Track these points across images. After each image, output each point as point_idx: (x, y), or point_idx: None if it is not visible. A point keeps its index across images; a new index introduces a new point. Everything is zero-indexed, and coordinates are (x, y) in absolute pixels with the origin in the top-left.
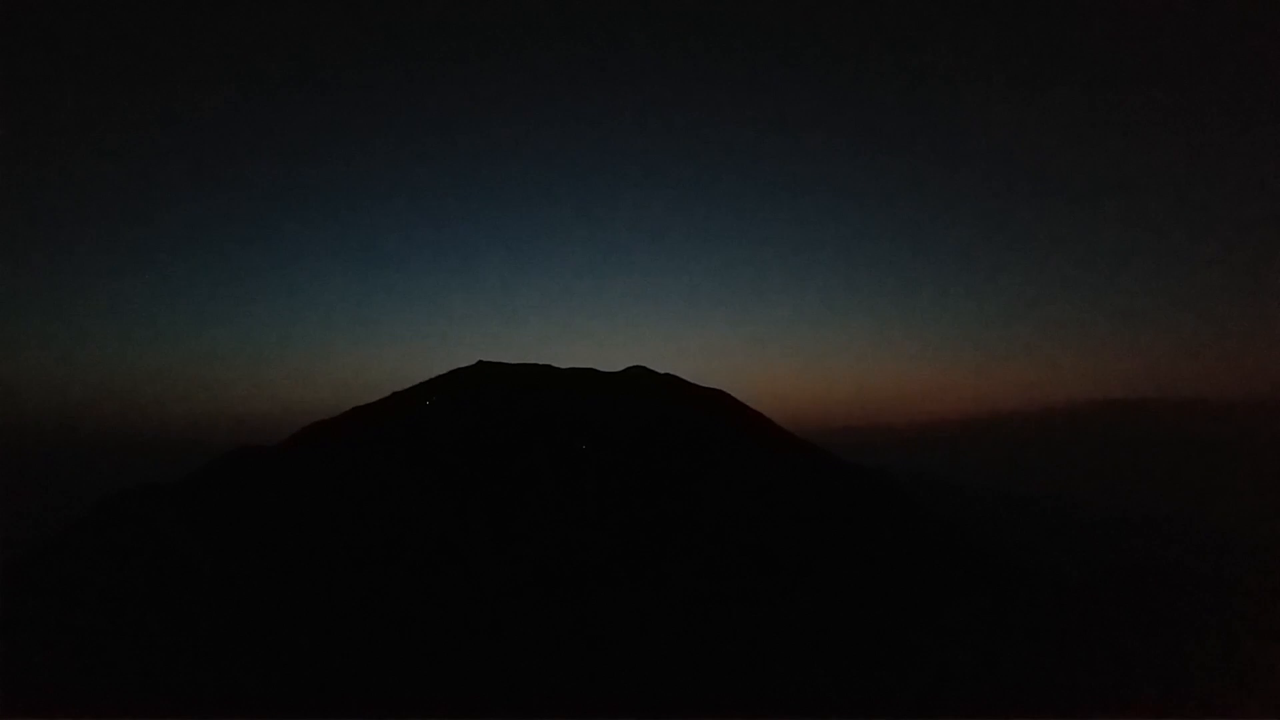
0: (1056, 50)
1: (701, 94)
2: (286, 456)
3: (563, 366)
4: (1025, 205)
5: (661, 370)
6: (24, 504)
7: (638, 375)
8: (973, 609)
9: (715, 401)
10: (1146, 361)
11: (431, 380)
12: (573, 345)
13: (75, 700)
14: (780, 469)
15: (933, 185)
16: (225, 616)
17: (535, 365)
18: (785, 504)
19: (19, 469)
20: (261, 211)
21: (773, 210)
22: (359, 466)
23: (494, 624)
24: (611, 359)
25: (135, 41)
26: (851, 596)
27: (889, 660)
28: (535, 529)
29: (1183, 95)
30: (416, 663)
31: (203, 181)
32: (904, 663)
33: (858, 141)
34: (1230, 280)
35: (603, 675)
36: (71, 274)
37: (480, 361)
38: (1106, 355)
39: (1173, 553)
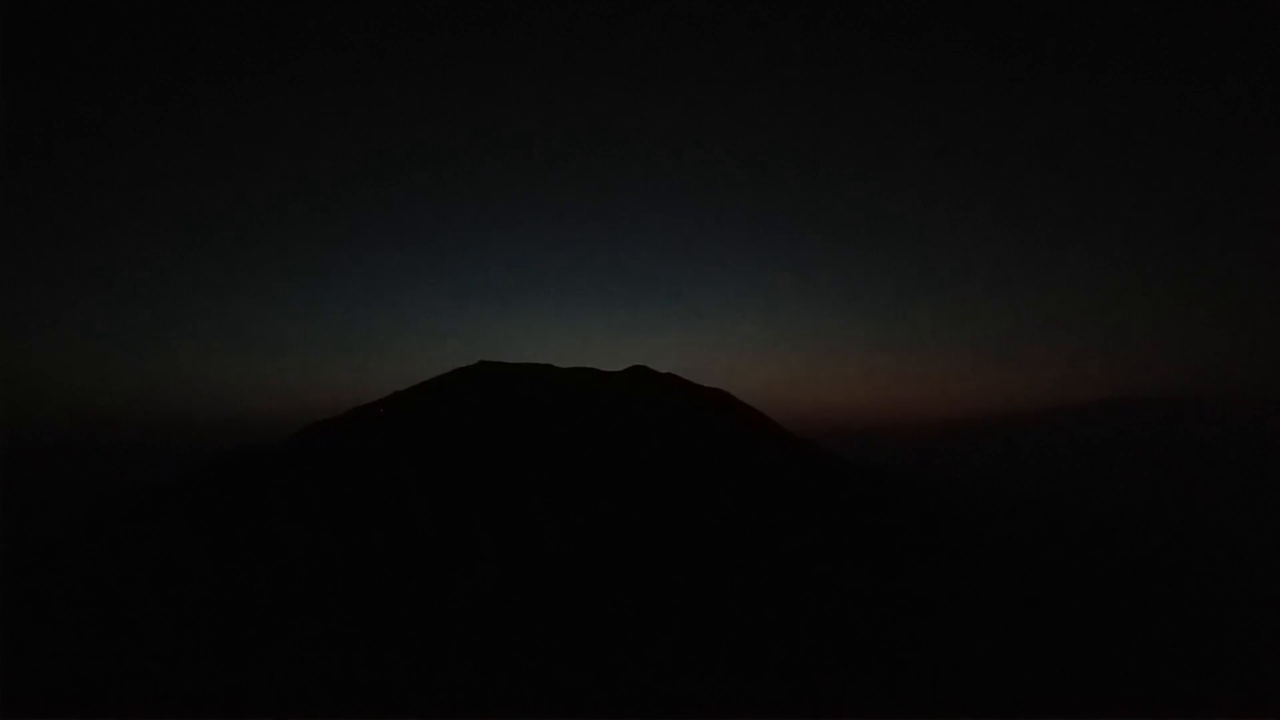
0: (1058, 51)
1: (702, 95)
2: (287, 456)
3: (563, 366)
4: (1025, 206)
5: (662, 370)
6: (24, 504)
7: (638, 375)
8: (972, 609)
9: (715, 401)
10: (1147, 361)
11: (433, 380)
12: (573, 345)
13: (75, 700)
14: (780, 469)
15: (933, 186)
16: (226, 616)
17: (536, 365)
18: (786, 503)
19: (19, 469)
20: (262, 213)
21: (773, 211)
22: (359, 466)
23: (494, 624)
24: (611, 359)
25: (142, 43)
26: (852, 596)
27: (889, 660)
28: (536, 528)
29: (1184, 95)
30: (417, 663)
31: (204, 183)
32: (904, 663)
33: (859, 142)
34: (1230, 280)
35: (603, 675)
36: (72, 274)
37: (481, 361)
38: (1107, 355)
39: (1172, 553)
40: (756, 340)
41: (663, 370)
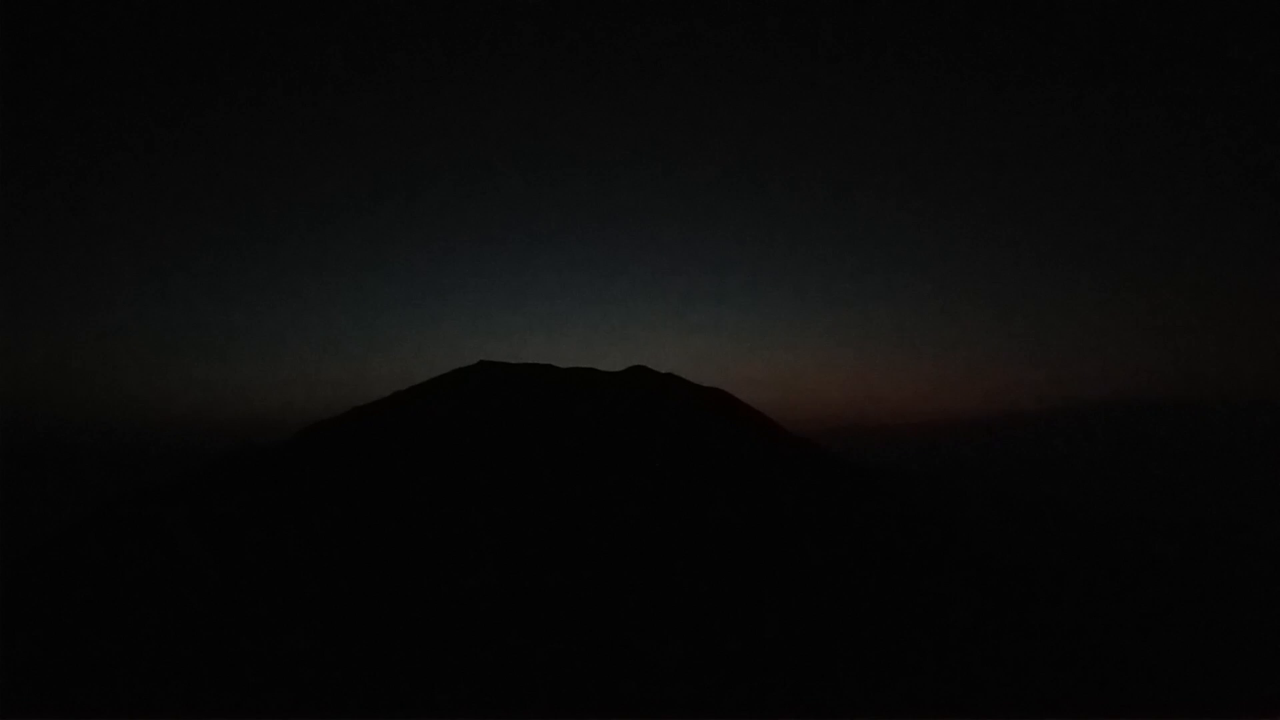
0: (1055, 50)
1: (702, 95)
2: (288, 456)
3: (563, 366)
4: (1025, 205)
5: (662, 370)
6: (24, 504)
7: (638, 375)
8: (973, 609)
9: (715, 401)
10: (1147, 361)
11: (433, 380)
12: (573, 345)
13: (75, 700)
14: (780, 469)
15: (933, 185)
16: (226, 617)
17: (536, 364)
18: (786, 504)
19: (19, 469)
20: (263, 212)
21: (773, 210)
22: (360, 466)
23: (494, 624)
24: (611, 359)
25: (145, 49)
26: (851, 596)
27: (889, 660)
28: (536, 528)
29: (1184, 95)
30: (417, 663)
31: (205, 183)
32: (904, 663)
33: (858, 143)
34: (1230, 280)
35: (602, 675)
36: (72, 275)
37: (482, 361)
38: (1107, 355)
39: (1173, 553)
40: (756, 340)
41: (663, 370)
